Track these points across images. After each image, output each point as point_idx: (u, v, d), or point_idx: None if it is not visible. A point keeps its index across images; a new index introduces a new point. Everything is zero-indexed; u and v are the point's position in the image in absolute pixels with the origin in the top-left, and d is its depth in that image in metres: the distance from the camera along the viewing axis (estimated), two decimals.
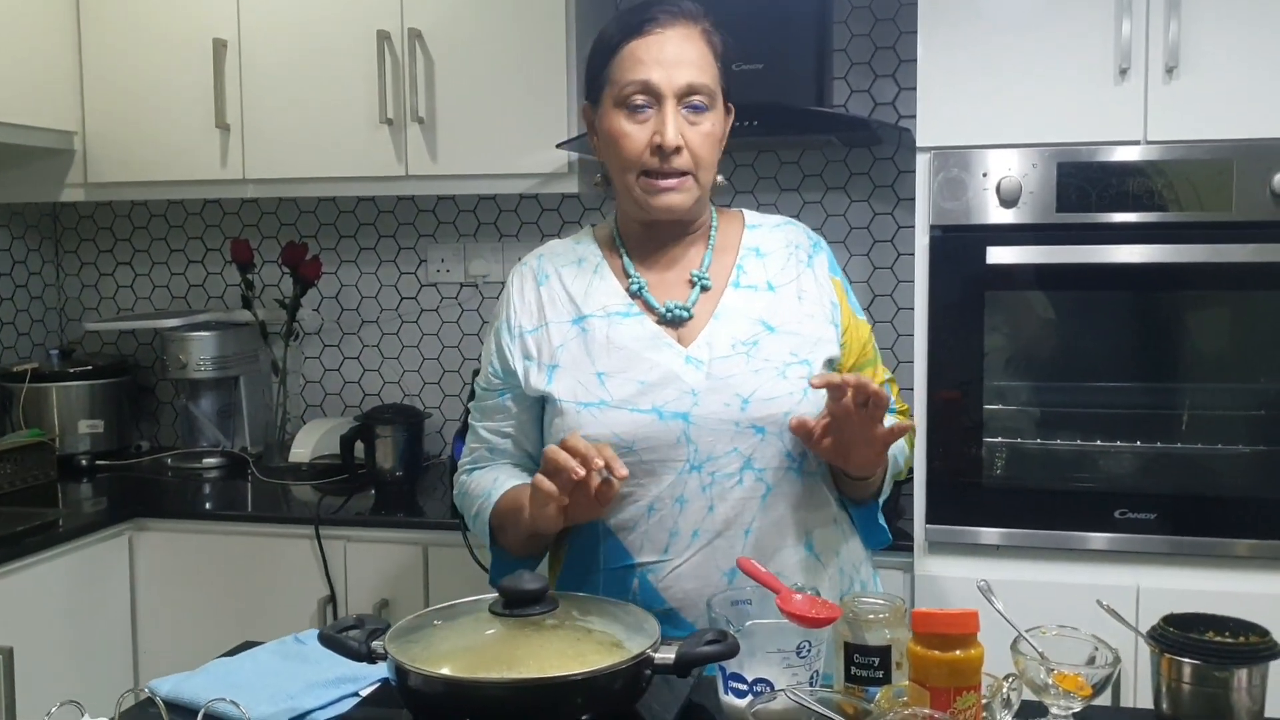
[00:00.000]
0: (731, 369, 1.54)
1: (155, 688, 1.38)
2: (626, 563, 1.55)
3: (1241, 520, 2.15)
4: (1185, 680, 1.27)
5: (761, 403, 1.52)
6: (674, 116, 1.52)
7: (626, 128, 1.54)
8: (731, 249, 1.65)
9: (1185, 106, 2.11)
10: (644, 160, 1.54)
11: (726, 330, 1.57)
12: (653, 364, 1.55)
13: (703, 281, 1.61)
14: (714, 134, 1.56)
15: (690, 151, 1.54)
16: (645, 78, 1.52)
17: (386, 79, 2.74)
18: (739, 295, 1.60)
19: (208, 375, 3.07)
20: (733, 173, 2.95)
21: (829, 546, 1.60)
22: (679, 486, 1.52)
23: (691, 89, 1.53)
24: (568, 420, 1.54)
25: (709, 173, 1.58)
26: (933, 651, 1.17)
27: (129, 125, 2.92)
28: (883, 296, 2.90)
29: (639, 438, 1.51)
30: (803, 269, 1.64)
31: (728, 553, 1.52)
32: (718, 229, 1.67)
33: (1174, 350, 2.27)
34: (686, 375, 1.54)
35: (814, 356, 1.57)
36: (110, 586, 2.60)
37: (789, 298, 1.61)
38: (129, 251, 3.41)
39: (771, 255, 1.65)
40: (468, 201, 3.16)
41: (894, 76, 2.85)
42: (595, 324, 1.59)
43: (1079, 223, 2.17)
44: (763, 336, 1.57)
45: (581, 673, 1.19)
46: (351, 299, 3.26)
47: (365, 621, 1.33)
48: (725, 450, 1.52)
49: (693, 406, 1.52)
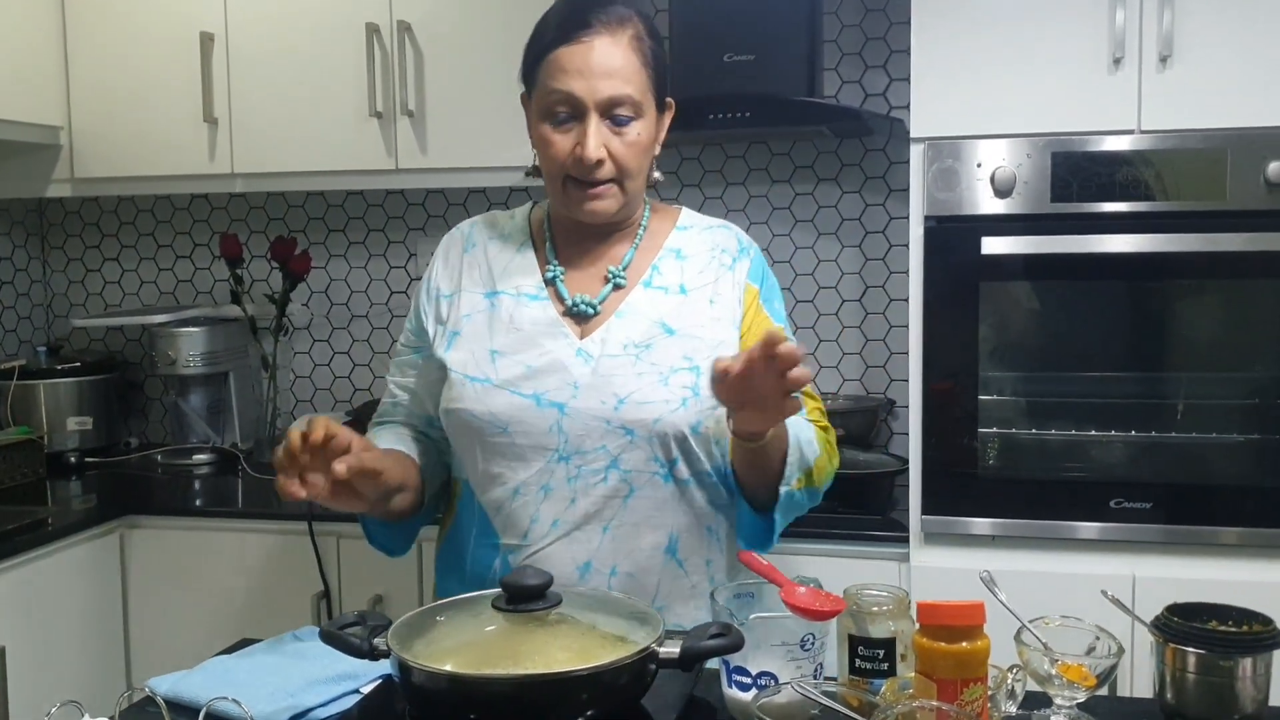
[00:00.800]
0: (616, 368, 1.54)
1: (154, 686, 1.36)
2: (492, 542, 1.57)
3: (1236, 509, 2.16)
4: (1190, 670, 1.27)
5: (636, 405, 1.52)
6: (596, 130, 1.51)
7: (551, 136, 1.54)
8: (656, 247, 1.65)
9: (1179, 96, 2.11)
10: (568, 168, 1.53)
11: (624, 329, 1.57)
12: (544, 351, 1.56)
13: (617, 279, 1.61)
14: (640, 142, 1.54)
15: (614, 161, 1.53)
16: (568, 90, 1.51)
17: (375, 72, 2.72)
18: (646, 295, 1.60)
19: (197, 371, 3.05)
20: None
21: (695, 554, 1.59)
22: (546, 475, 1.53)
23: (614, 101, 1.51)
24: (453, 390, 1.57)
25: (636, 180, 1.57)
26: (939, 643, 1.16)
27: (115, 120, 2.90)
28: (875, 288, 2.90)
29: (513, 420, 1.53)
30: (722, 273, 1.63)
31: (585, 546, 1.53)
32: (647, 228, 1.66)
33: (1169, 339, 2.27)
34: (573, 367, 1.54)
35: (708, 363, 1.52)
36: (102, 584, 2.58)
37: (700, 301, 1.60)
38: (116, 247, 3.39)
39: (692, 258, 1.64)
40: (457, 195, 3.14)
41: (885, 67, 2.84)
42: (504, 301, 1.60)
43: (1073, 213, 2.17)
44: (658, 339, 1.56)
45: (587, 668, 1.18)
46: (341, 293, 3.24)
47: (367, 618, 1.32)
48: (594, 446, 1.53)
49: (571, 399, 1.53)
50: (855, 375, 2.93)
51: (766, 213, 2.94)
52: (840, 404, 2.87)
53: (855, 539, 2.33)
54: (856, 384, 2.93)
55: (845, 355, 2.93)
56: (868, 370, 2.92)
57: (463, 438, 1.59)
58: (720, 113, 2.48)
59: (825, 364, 2.94)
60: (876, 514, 2.43)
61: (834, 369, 2.94)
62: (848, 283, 2.92)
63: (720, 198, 2.96)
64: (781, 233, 2.94)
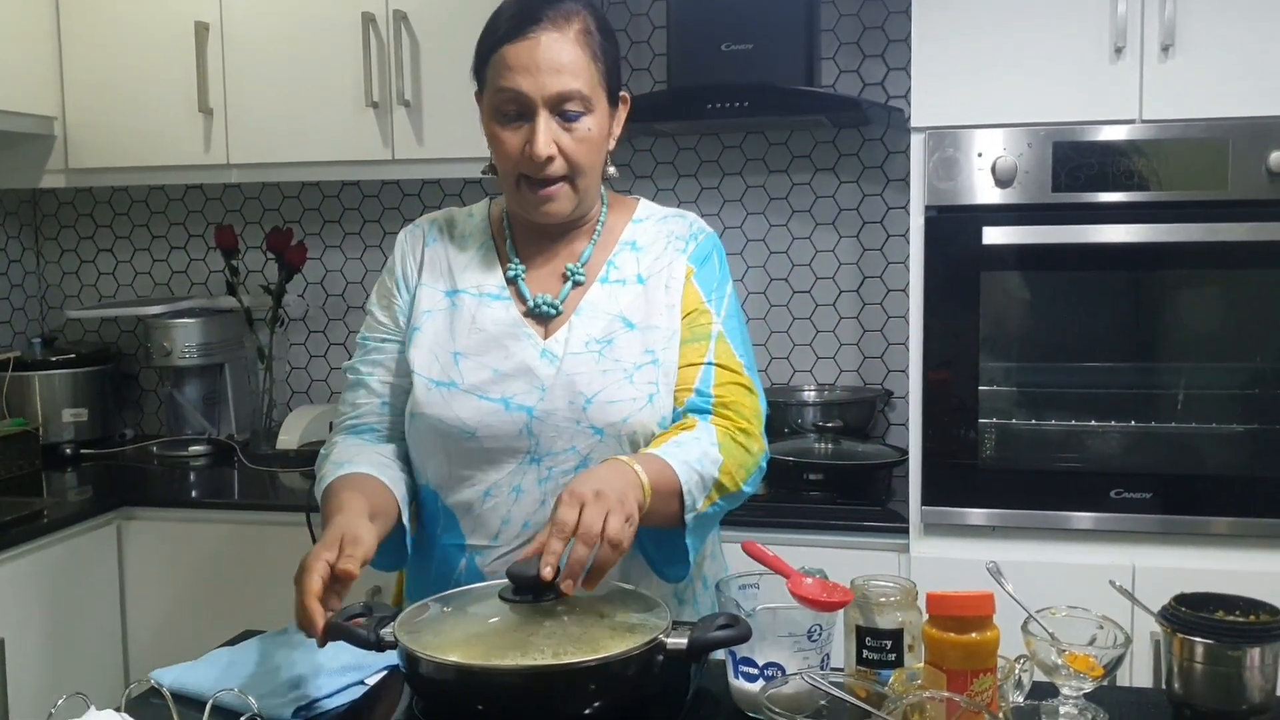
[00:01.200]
0: (580, 367, 1.53)
1: (159, 678, 1.36)
2: (458, 542, 1.56)
3: (1236, 499, 2.16)
4: (1198, 660, 1.27)
5: (603, 405, 1.51)
6: (545, 126, 1.49)
7: (501, 135, 1.52)
8: (613, 242, 1.64)
9: (1181, 85, 2.11)
10: (519, 166, 1.52)
11: (584, 327, 1.56)
12: (509, 353, 1.54)
13: (575, 276, 1.60)
14: (591, 138, 1.53)
15: (565, 158, 1.51)
16: (515, 87, 1.49)
17: (372, 62, 2.70)
18: (604, 290, 1.59)
19: (192, 362, 3.04)
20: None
21: None
22: (517, 476, 1.53)
23: (562, 97, 1.49)
24: (418, 395, 1.54)
25: (589, 176, 1.55)
26: (949, 634, 1.16)
27: (110, 110, 2.88)
28: (872, 278, 2.89)
29: (482, 425, 1.51)
30: (676, 257, 1.62)
31: None
32: (605, 223, 1.65)
33: (1170, 330, 2.27)
34: (539, 369, 1.53)
35: (665, 353, 1.55)
36: (99, 576, 2.57)
37: (656, 288, 1.59)
38: (110, 238, 3.37)
39: (648, 248, 1.63)
40: (453, 185, 3.13)
41: (883, 56, 2.84)
42: (466, 301, 1.59)
43: (1074, 202, 2.16)
44: (619, 334, 1.55)
45: (595, 659, 1.17)
46: (337, 285, 3.23)
47: (373, 609, 1.31)
48: (564, 448, 1.52)
49: (538, 401, 1.52)
50: (852, 366, 2.93)
51: (764, 203, 2.93)
52: (838, 395, 2.87)
53: (854, 530, 2.33)
54: (854, 375, 2.93)
55: (843, 346, 2.92)
56: (865, 361, 2.92)
57: (428, 442, 1.56)
58: (718, 102, 2.48)
59: (822, 355, 2.93)
60: (875, 505, 2.43)
61: (831, 360, 2.93)
62: (845, 273, 2.91)
63: (717, 188, 2.95)
64: (779, 223, 2.93)
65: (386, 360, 1.63)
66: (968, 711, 1.11)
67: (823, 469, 2.52)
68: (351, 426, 1.65)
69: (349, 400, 1.66)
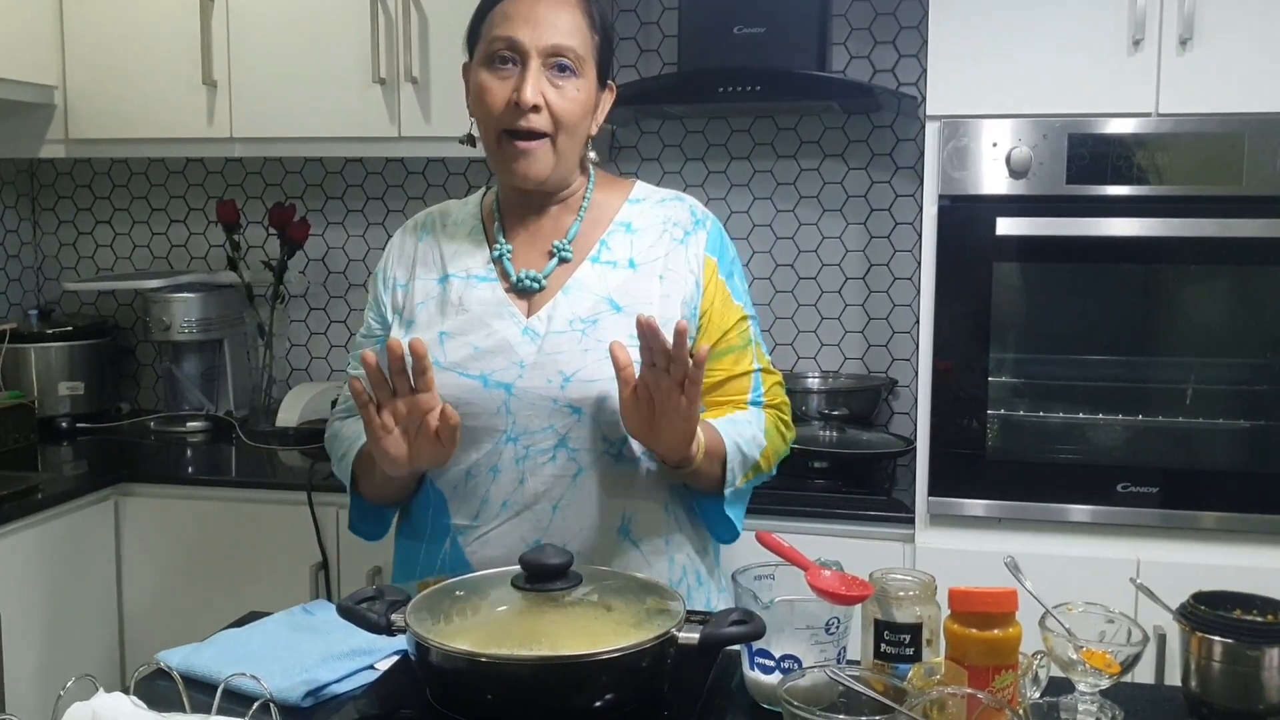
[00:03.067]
0: (561, 346, 1.52)
1: (165, 659, 1.34)
2: (444, 523, 1.57)
3: (1243, 495, 2.16)
4: (1215, 659, 1.26)
5: (581, 383, 1.50)
6: (535, 75, 1.49)
7: (489, 83, 1.52)
8: (606, 221, 1.63)
9: (1198, 79, 2.10)
10: (503, 117, 1.51)
11: (570, 305, 1.55)
12: (490, 331, 1.54)
13: (562, 253, 1.59)
14: (579, 99, 1.53)
15: (551, 113, 1.50)
16: (511, 34, 1.50)
17: (380, 37, 2.67)
18: (594, 271, 1.58)
19: (191, 338, 3.01)
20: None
21: (652, 533, 1.57)
22: (494, 456, 1.53)
23: (557, 50, 1.50)
24: None
25: (572, 140, 1.54)
26: (971, 630, 1.15)
27: (112, 80, 2.84)
28: (879, 266, 2.88)
29: (461, 402, 1.50)
30: (674, 246, 1.60)
31: (534, 526, 1.52)
32: (592, 199, 1.63)
33: (1180, 324, 2.26)
34: (520, 347, 1.53)
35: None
36: (95, 553, 2.54)
37: (649, 276, 1.58)
38: (108, 210, 3.33)
39: (643, 232, 1.61)
40: (458, 164, 3.10)
41: (894, 43, 2.81)
42: (454, 284, 1.59)
43: (1088, 195, 2.15)
44: (605, 315, 1.54)
45: (607, 652, 1.16)
46: (339, 261, 3.20)
47: (384, 593, 1.29)
48: (542, 426, 1.52)
49: (517, 379, 1.52)
50: (857, 354, 2.91)
51: (771, 188, 2.91)
52: (842, 383, 2.86)
53: (859, 519, 2.31)
54: (858, 362, 2.92)
55: (847, 333, 2.91)
56: (870, 349, 2.90)
57: None
58: (730, 85, 2.45)
59: (827, 342, 2.92)
60: (880, 494, 2.42)
61: (836, 347, 2.92)
62: (851, 260, 2.89)
63: (724, 172, 2.93)
64: (786, 209, 2.91)
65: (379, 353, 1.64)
66: (989, 708, 1.10)
67: (828, 457, 2.50)
68: (347, 412, 1.68)
69: (345, 394, 1.69)
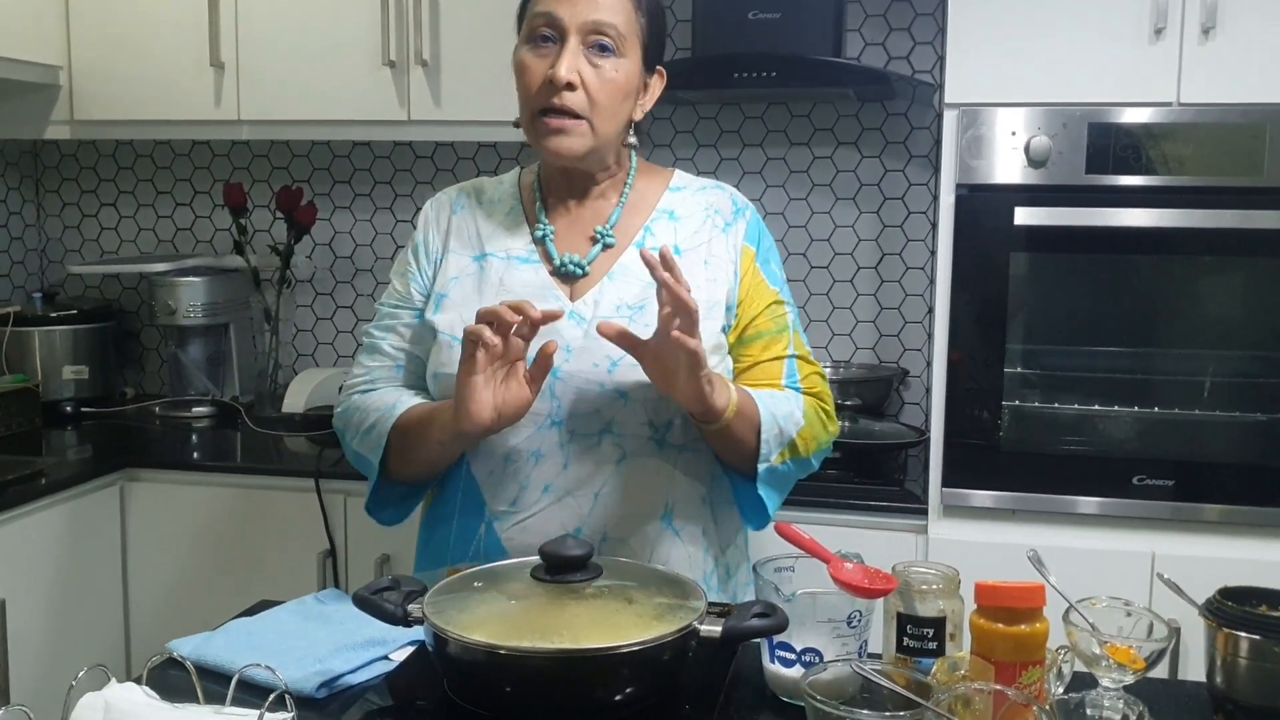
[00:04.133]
0: None
1: (176, 649, 1.32)
2: (479, 509, 1.54)
3: (1260, 488, 2.14)
4: (1242, 655, 1.24)
5: (629, 368, 1.47)
6: (573, 53, 1.47)
7: (528, 60, 1.50)
8: (647, 208, 1.61)
9: (1220, 68, 2.07)
10: (539, 96, 1.49)
11: (616, 291, 1.53)
12: None
13: (605, 239, 1.57)
14: (618, 80, 1.50)
15: (587, 93, 1.48)
16: (550, 10, 1.48)
17: (390, 19, 2.64)
18: (639, 257, 1.55)
19: (197, 322, 2.99)
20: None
21: (691, 523, 1.56)
22: (537, 440, 1.50)
23: (598, 27, 1.48)
24: (442, 355, 1.53)
25: (608, 122, 1.51)
26: (998, 625, 1.14)
27: (118, 61, 2.81)
28: (891, 255, 2.86)
29: None
30: (716, 234, 1.59)
31: (575, 512, 1.51)
32: (633, 186, 1.61)
33: (1197, 317, 2.23)
34: (566, 330, 1.49)
35: (703, 325, 1.49)
36: (101, 538, 2.52)
37: (694, 263, 1.56)
38: (113, 192, 3.31)
39: (686, 219, 1.60)
40: (467, 149, 3.07)
41: (909, 30, 2.78)
42: (493, 264, 1.57)
43: (1108, 185, 2.13)
44: (651, 301, 1.50)
45: (628, 645, 1.14)
46: (345, 246, 3.18)
47: (401, 583, 1.28)
48: (587, 411, 1.50)
49: (563, 363, 1.48)
50: (869, 344, 2.89)
51: (784, 175, 2.89)
52: (854, 372, 2.84)
53: (872, 510, 2.30)
54: (869, 352, 2.89)
55: (859, 323, 2.89)
56: (881, 339, 2.88)
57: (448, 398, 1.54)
58: (746, 71, 2.43)
59: (839, 331, 2.90)
60: (892, 485, 2.40)
61: (847, 336, 2.90)
62: (864, 249, 2.87)
63: (737, 159, 2.90)
64: (799, 196, 2.89)
65: (400, 327, 1.62)
66: (1016, 704, 1.08)
67: (840, 447, 2.47)
68: (367, 388, 1.63)
69: (362, 363, 1.65)
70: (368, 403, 1.59)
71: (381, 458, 1.55)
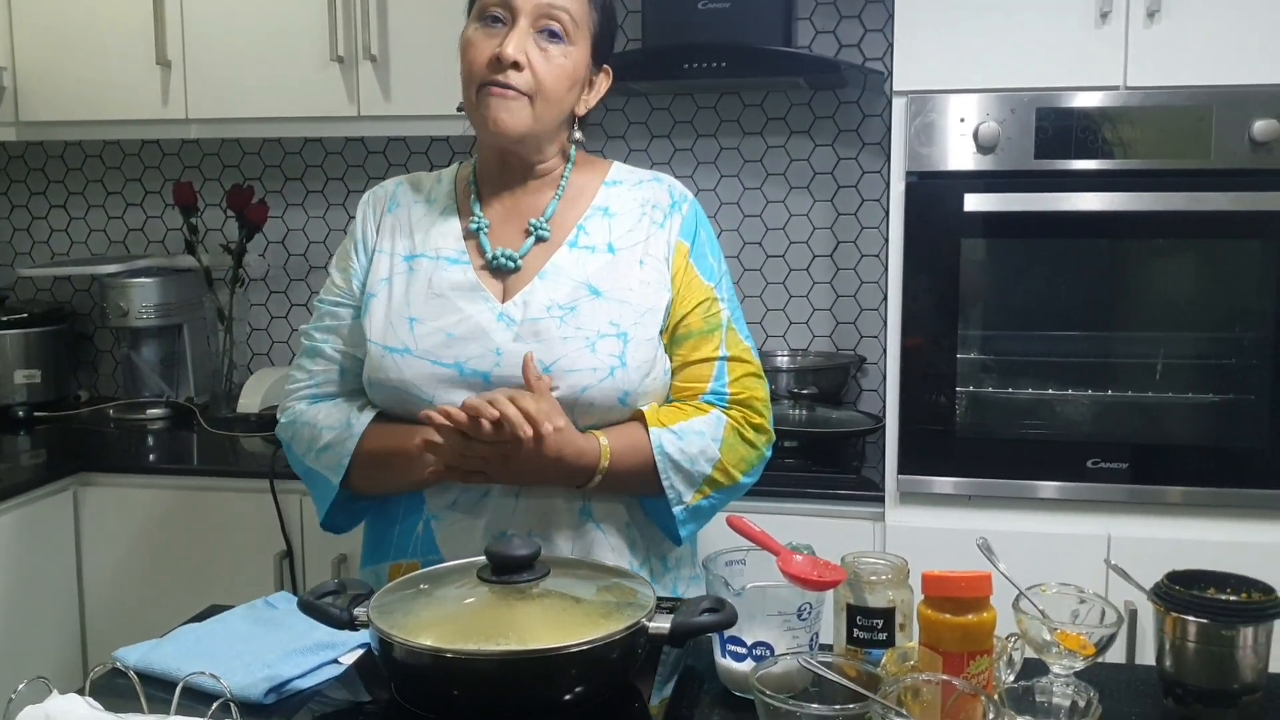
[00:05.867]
0: (540, 332, 1.49)
1: (123, 657, 1.31)
2: (419, 507, 1.54)
3: (1213, 469, 2.15)
4: (1190, 639, 1.24)
5: (561, 373, 1.48)
6: (522, 33, 1.47)
7: (475, 38, 1.50)
8: (584, 203, 1.60)
9: (1166, 51, 2.08)
10: (483, 72, 1.48)
11: (547, 291, 1.52)
12: (464, 316, 1.51)
13: (539, 232, 1.56)
14: (566, 67, 1.51)
15: (534, 74, 1.48)
16: None
17: (337, 14, 2.61)
18: (571, 256, 1.55)
19: (150, 323, 2.95)
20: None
21: (613, 517, 1.56)
22: None
23: (550, 11, 1.48)
24: (373, 362, 1.52)
25: (552, 107, 1.51)
26: (945, 615, 1.13)
27: (63, 61, 2.77)
28: (846, 243, 2.86)
29: (438, 392, 1.49)
30: (654, 230, 1.58)
31: (504, 511, 1.51)
32: (570, 179, 1.60)
33: (1149, 299, 2.25)
34: (495, 333, 1.49)
35: (636, 329, 1.52)
36: (54, 544, 2.49)
37: (629, 262, 1.55)
38: (63, 194, 3.26)
39: (621, 215, 1.59)
40: (419, 143, 3.05)
41: (860, 18, 2.78)
42: (423, 265, 1.56)
43: (1057, 169, 2.13)
44: (584, 301, 1.51)
45: (575, 645, 1.13)
46: (299, 244, 3.15)
47: (347, 586, 1.27)
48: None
49: (494, 367, 1.48)
50: (825, 332, 2.89)
51: (738, 165, 2.88)
52: (811, 361, 2.84)
53: (829, 499, 2.30)
54: (826, 340, 2.90)
55: (816, 311, 2.89)
56: (838, 326, 2.89)
57: (388, 408, 1.54)
58: (695, 62, 2.42)
59: (796, 320, 2.90)
60: (849, 473, 2.40)
61: (804, 325, 2.90)
62: (819, 238, 2.87)
63: (691, 149, 2.89)
64: (753, 186, 2.88)
65: (341, 327, 1.60)
66: (964, 695, 1.08)
67: (797, 436, 2.48)
68: (311, 395, 1.62)
69: (304, 367, 1.64)
70: (318, 418, 1.58)
71: None
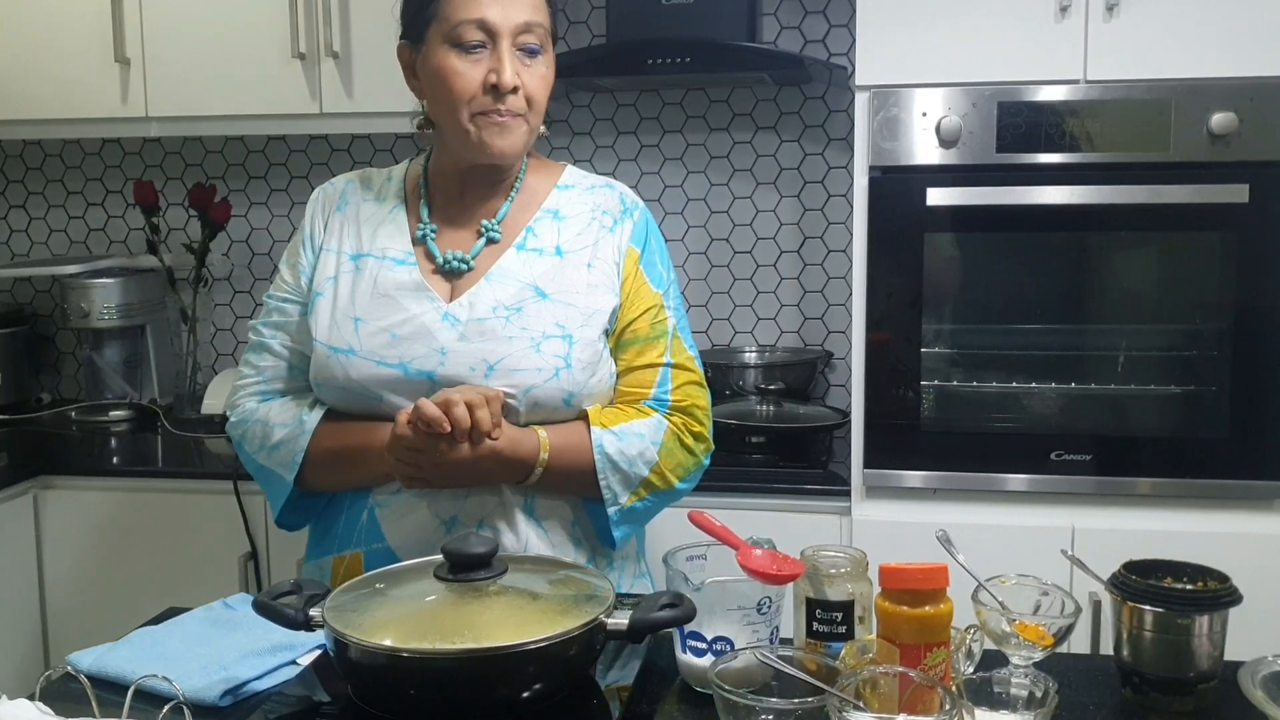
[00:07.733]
0: (485, 331, 1.50)
1: (76, 662, 1.29)
2: (364, 498, 1.54)
3: (1175, 461, 2.17)
4: (1147, 628, 1.25)
5: (506, 373, 1.48)
6: (509, 56, 1.48)
7: (458, 66, 1.48)
8: (535, 206, 1.60)
9: (1125, 46, 2.09)
10: (479, 100, 1.48)
11: (493, 292, 1.53)
12: (408, 316, 1.51)
13: (490, 233, 1.57)
14: (548, 79, 1.53)
15: (526, 94, 1.50)
16: (481, 15, 1.47)
17: (299, 10, 2.59)
18: (519, 258, 1.56)
19: (112, 324, 2.92)
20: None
21: (555, 514, 1.56)
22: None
23: (528, 27, 1.49)
24: (319, 362, 1.53)
25: (539, 118, 1.54)
26: (902, 607, 1.13)
27: (20, 58, 2.73)
28: (813, 239, 2.86)
29: (384, 392, 1.50)
30: (603, 235, 1.59)
31: (448, 503, 1.50)
32: (524, 182, 1.61)
33: (1111, 291, 2.26)
34: (440, 333, 1.50)
35: (581, 331, 1.52)
36: (14, 549, 2.46)
37: (576, 265, 1.56)
38: (22, 193, 3.22)
39: (571, 219, 1.59)
40: (384, 140, 3.03)
41: (824, 13, 2.78)
42: (370, 265, 1.56)
43: (1018, 163, 2.14)
44: (530, 303, 1.52)
45: (533, 642, 1.12)
46: (262, 242, 3.13)
47: (303, 586, 1.25)
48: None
49: (439, 366, 1.49)
50: (793, 328, 2.90)
51: (704, 161, 2.88)
52: (779, 357, 2.84)
53: (796, 493, 2.30)
54: (794, 336, 2.90)
55: (783, 307, 2.89)
56: (805, 322, 2.89)
57: (340, 407, 1.54)
58: (659, 58, 2.41)
59: (763, 316, 2.90)
60: (817, 468, 2.40)
61: (771, 321, 2.90)
62: (786, 234, 2.87)
63: (657, 145, 2.89)
64: (719, 182, 2.88)
65: (288, 324, 1.60)
66: (921, 686, 1.08)
67: (764, 431, 2.49)
68: (261, 393, 1.62)
69: (252, 363, 1.63)
70: (269, 416, 1.58)
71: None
